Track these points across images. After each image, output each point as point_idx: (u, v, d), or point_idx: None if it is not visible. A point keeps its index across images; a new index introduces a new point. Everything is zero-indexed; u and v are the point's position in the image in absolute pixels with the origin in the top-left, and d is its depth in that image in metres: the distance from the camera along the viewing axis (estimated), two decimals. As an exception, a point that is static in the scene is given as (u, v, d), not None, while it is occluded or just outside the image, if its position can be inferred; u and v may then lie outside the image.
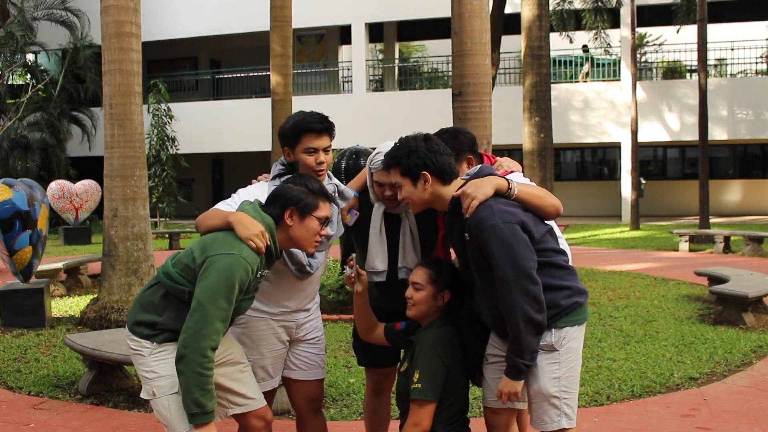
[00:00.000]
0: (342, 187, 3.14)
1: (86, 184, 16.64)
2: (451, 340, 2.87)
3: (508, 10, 14.97)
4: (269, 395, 3.12)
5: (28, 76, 23.59)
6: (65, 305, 8.50)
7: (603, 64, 22.19)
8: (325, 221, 2.77)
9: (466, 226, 2.73)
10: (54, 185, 16.33)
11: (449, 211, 2.83)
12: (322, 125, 2.98)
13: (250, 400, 2.87)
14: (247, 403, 2.87)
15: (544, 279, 2.68)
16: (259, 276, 2.72)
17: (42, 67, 24.27)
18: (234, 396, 2.85)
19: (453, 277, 2.96)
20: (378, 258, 3.16)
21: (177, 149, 20.34)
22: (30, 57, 24.35)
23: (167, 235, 16.73)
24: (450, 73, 12.97)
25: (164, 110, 20.08)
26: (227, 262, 2.56)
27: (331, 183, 3.08)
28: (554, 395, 2.75)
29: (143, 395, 2.75)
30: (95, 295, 7.61)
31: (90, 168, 19.75)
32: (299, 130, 2.97)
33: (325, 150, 3.00)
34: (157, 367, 2.68)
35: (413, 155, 2.75)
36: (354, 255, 3.04)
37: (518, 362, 2.67)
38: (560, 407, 2.77)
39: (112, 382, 5.08)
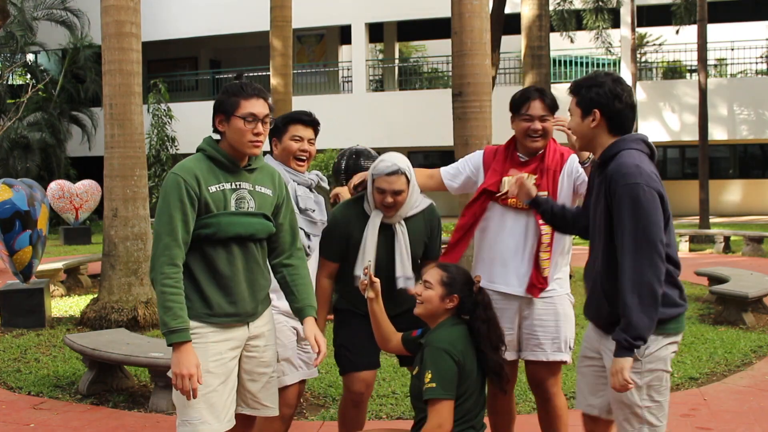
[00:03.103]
0: (322, 176, 3.42)
1: (86, 184, 16.64)
2: (460, 338, 2.85)
3: (508, 10, 14.96)
4: (295, 388, 3.21)
5: (28, 76, 23.57)
6: (65, 305, 8.50)
7: (603, 64, 22.19)
8: (252, 118, 2.69)
9: (605, 180, 2.58)
10: (54, 185, 16.32)
11: (599, 164, 2.72)
12: (309, 118, 3.29)
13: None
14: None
15: None
16: (230, 189, 2.69)
17: (42, 67, 24.26)
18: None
19: (467, 285, 2.93)
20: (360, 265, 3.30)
21: (177, 149, 20.32)
22: (30, 57, 24.34)
23: (167, 235, 16.71)
24: (450, 73, 12.95)
25: (164, 110, 20.07)
26: (164, 182, 2.68)
27: (313, 174, 3.37)
28: (636, 404, 2.62)
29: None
30: (95, 295, 7.61)
31: (90, 168, 19.73)
32: (288, 120, 3.28)
33: (310, 141, 3.30)
34: None
35: (594, 89, 2.65)
36: (370, 262, 3.06)
37: (622, 337, 2.47)
38: (642, 416, 2.63)
39: (112, 382, 5.08)
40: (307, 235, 3.25)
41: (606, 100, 2.62)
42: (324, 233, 3.35)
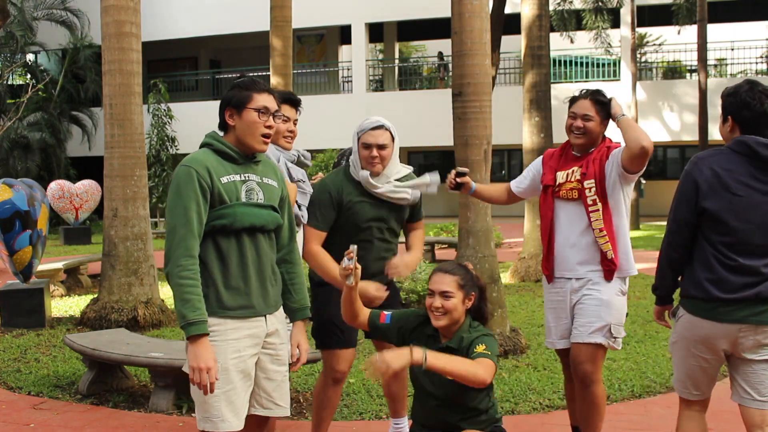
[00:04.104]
0: (305, 153, 3.61)
1: (86, 184, 16.63)
2: (485, 330, 2.94)
3: (508, 10, 14.95)
4: None
5: (28, 76, 23.58)
6: (65, 305, 8.50)
7: (603, 64, 22.18)
8: (265, 111, 2.71)
9: None
10: (54, 185, 16.32)
11: None
12: (295, 98, 3.55)
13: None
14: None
15: (697, 254, 2.90)
16: (240, 180, 2.68)
17: (42, 67, 24.26)
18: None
19: (473, 277, 2.95)
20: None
21: (177, 149, 20.33)
22: (30, 57, 24.35)
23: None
24: (450, 73, 12.95)
25: (164, 110, 20.07)
26: (174, 175, 2.66)
27: (294, 150, 3.56)
28: (670, 351, 3.18)
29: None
30: (95, 295, 7.61)
31: (90, 168, 19.74)
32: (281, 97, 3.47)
33: (294, 122, 3.54)
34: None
35: (730, 98, 2.91)
36: (355, 246, 2.91)
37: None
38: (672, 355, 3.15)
39: (112, 382, 5.08)
40: (299, 206, 3.39)
41: (737, 108, 2.88)
42: (313, 202, 3.47)
